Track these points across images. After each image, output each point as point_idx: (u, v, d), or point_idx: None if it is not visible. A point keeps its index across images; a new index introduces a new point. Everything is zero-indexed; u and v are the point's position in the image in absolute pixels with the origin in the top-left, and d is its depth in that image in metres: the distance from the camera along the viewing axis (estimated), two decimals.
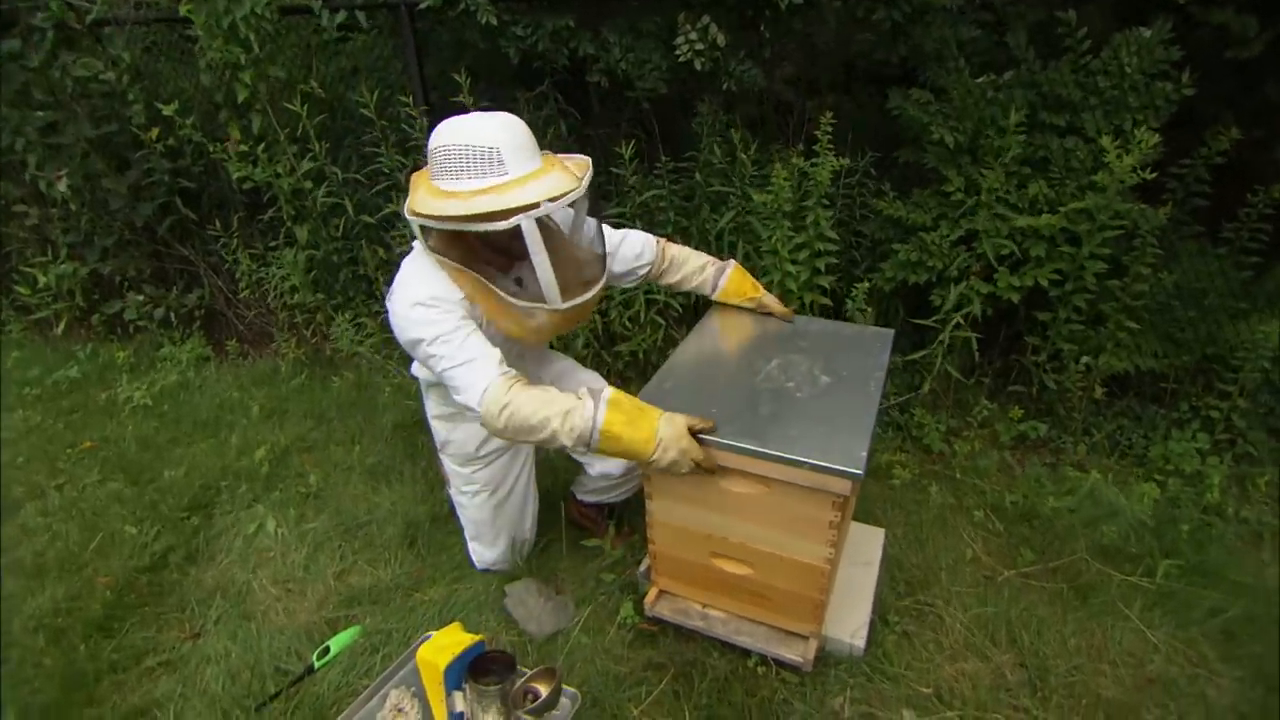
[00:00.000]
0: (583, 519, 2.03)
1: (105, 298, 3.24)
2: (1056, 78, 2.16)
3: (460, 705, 1.39)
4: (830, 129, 2.08)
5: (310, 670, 1.56)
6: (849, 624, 1.58)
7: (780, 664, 1.54)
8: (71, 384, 2.99)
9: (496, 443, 1.72)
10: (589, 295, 1.43)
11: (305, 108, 2.39)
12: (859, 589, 1.67)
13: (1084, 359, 2.23)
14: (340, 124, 2.89)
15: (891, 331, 1.73)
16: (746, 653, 1.57)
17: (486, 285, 1.37)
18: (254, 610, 1.75)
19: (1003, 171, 2.11)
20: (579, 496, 2.01)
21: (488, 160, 1.28)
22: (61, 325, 3.36)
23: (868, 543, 1.82)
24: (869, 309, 2.20)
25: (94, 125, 2.77)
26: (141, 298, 3.05)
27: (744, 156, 2.22)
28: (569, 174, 1.35)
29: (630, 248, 1.71)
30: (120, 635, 1.70)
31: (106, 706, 1.52)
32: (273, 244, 2.83)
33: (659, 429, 1.28)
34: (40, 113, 2.67)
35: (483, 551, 1.85)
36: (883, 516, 2.04)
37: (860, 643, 1.55)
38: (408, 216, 1.36)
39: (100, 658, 1.63)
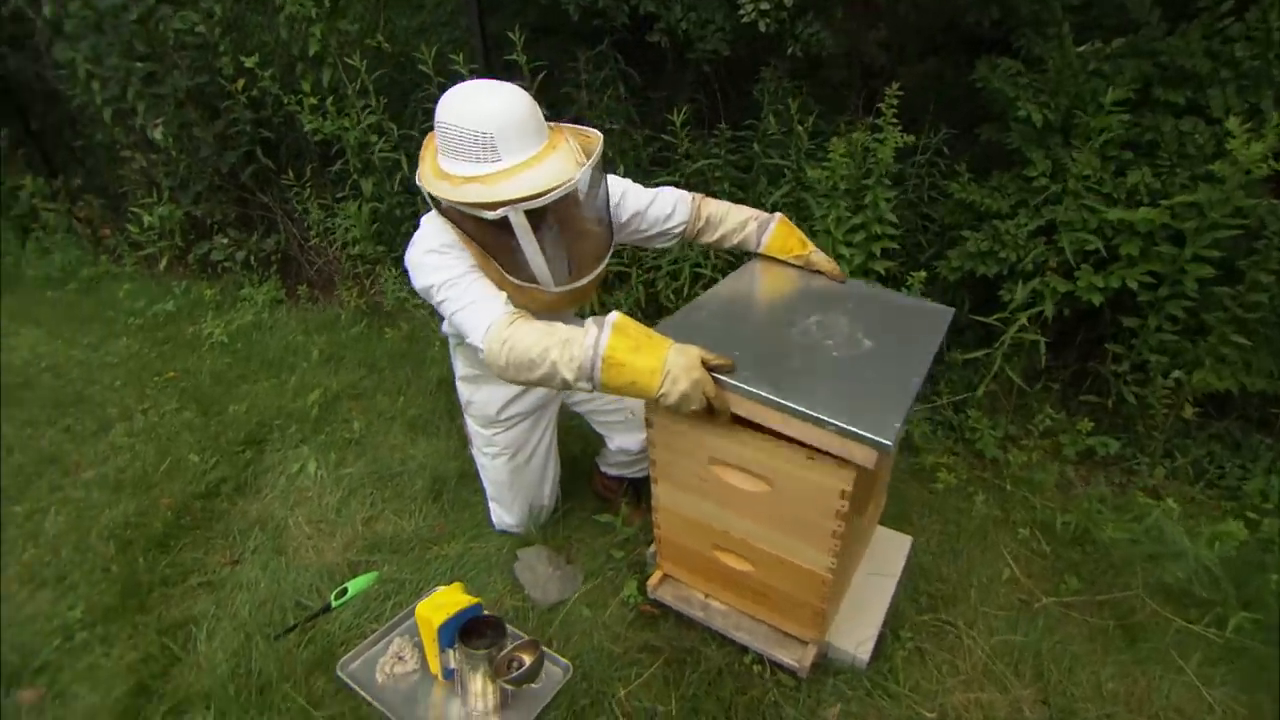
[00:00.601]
0: (606, 491, 2.04)
1: (199, 238, 3.51)
2: (1181, 45, 1.86)
3: (453, 663, 1.44)
4: (896, 101, 1.89)
5: (327, 609, 1.66)
6: (855, 634, 1.50)
7: (776, 666, 1.49)
8: (167, 317, 3.28)
9: (517, 407, 1.73)
10: (585, 281, 1.39)
11: (365, 63, 2.43)
12: (873, 598, 1.59)
13: (1175, 373, 1.97)
14: (408, 79, 2.93)
15: (951, 310, 1.56)
16: (744, 649, 1.53)
17: (489, 259, 1.35)
18: (286, 545, 1.87)
19: (1097, 156, 1.86)
20: (602, 468, 2.01)
21: (481, 146, 1.24)
22: (164, 262, 3.67)
23: (892, 550, 1.71)
24: (927, 300, 2.03)
25: (189, 76, 2.94)
26: (226, 240, 3.28)
27: (800, 128, 2.07)
28: (570, 159, 1.29)
29: (660, 208, 1.62)
30: (174, 553, 1.87)
31: (153, 615, 1.69)
32: (340, 195, 2.95)
33: (668, 358, 1.14)
34: (140, 64, 2.87)
35: (501, 514, 1.89)
36: (918, 522, 1.92)
37: (865, 655, 1.47)
38: (417, 183, 1.36)
39: (155, 571, 1.81)
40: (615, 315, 1.20)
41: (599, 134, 1.37)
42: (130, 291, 3.54)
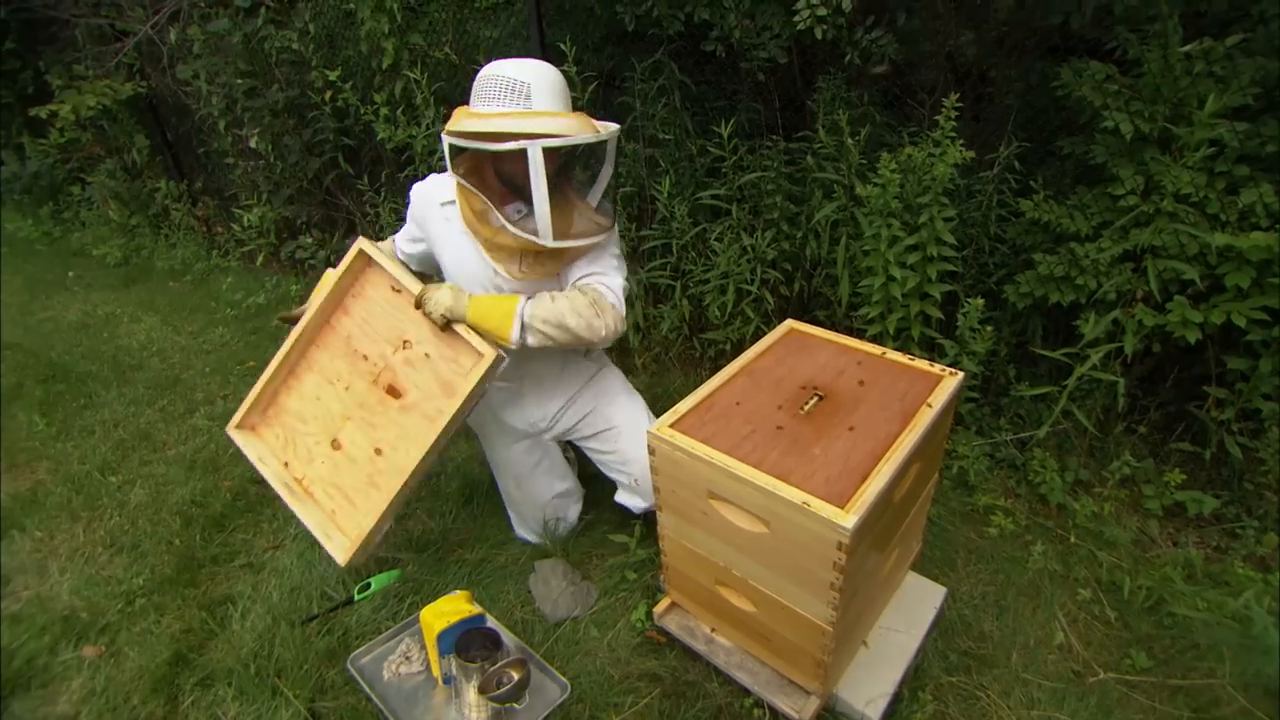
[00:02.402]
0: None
1: (290, 237, 3.80)
2: None
3: (451, 670, 1.46)
4: (956, 114, 1.72)
5: (349, 601, 1.73)
6: (867, 690, 1.39)
7: (777, 713, 1.40)
8: (258, 309, 3.57)
9: (513, 422, 1.74)
10: (577, 243, 1.41)
11: (426, 74, 2.52)
12: (892, 652, 1.46)
13: None
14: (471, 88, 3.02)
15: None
16: (746, 691, 1.45)
17: (489, 209, 1.40)
18: None
19: (1203, 171, 1.62)
20: None
21: (516, 92, 1.33)
22: (261, 258, 4.00)
23: (920, 601, 1.57)
24: (985, 329, 1.85)
25: (284, 90, 3.18)
26: (310, 240, 3.52)
27: (849, 142, 1.94)
28: (590, 127, 1.35)
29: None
30: (227, 533, 2.02)
31: (201, 589, 1.83)
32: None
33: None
34: (240, 80, 3.14)
35: (517, 524, 1.91)
36: (963, 569, 1.76)
37: (875, 714, 1.36)
38: (441, 135, 1.42)
39: (208, 549, 1.96)
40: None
41: (617, 126, 1.42)
42: (232, 284, 3.88)
